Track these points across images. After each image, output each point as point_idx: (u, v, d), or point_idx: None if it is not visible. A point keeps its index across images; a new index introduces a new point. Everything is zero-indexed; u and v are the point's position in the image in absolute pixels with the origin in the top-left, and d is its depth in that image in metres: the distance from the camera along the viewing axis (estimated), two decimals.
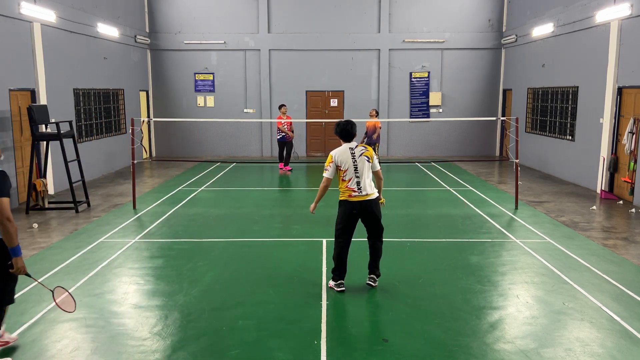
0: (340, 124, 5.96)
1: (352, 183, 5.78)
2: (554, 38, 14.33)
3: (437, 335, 4.96)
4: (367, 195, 5.80)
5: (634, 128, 10.56)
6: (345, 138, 5.95)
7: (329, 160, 5.87)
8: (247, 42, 18.25)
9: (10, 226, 4.26)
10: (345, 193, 5.84)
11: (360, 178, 5.78)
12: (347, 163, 5.80)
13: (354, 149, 5.87)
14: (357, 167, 5.79)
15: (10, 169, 10.44)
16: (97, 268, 6.84)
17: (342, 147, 5.91)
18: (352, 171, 5.78)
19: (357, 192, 5.77)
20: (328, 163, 5.87)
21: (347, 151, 5.85)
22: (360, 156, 5.84)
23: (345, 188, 5.82)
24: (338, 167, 5.83)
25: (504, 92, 18.49)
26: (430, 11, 18.21)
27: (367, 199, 5.81)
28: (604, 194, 11.38)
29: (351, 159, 5.81)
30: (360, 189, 5.77)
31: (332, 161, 5.85)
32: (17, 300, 5.79)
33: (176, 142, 18.81)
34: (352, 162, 5.80)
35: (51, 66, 11.99)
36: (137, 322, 5.25)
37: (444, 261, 7.11)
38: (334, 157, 5.85)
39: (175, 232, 8.67)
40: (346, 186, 5.80)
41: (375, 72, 18.50)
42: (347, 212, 5.85)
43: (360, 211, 5.83)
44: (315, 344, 4.78)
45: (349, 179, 5.78)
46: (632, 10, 10.63)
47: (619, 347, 4.72)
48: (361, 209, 5.83)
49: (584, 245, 7.84)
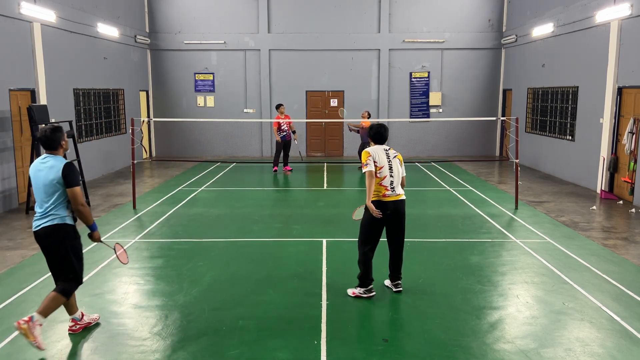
0: (373, 127, 5.90)
1: (386, 181, 5.66)
2: (554, 38, 14.33)
3: (437, 335, 4.96)
4: (399, 195, 5.73)
5: (634, 128, 10.56)
6: (379, 141, 5.90)
7: (366, 155, 5.72)
8: (247, 42, 18.26)
9: (84, 210, 4.76)
10: (378, 192, 5.69)
11: (393, 178, 5.70)
12: (383, 161, 5.71)
13: (387, 150, 5.82)
14: (392, 166, 5.72)
15: (10, 169, 10.45)
16: (97, 268, 6.84)
17: (376, 147, 5.86)
18: (387, 169, 5.69)
19: (390, 191, 5.67)
20: (366, 158, 5.70)
21: (382, 151, 5.79)
22: (394, 158, 5.80)
23: (379, 186, 5.67)
24: (374, 162, 5.70)
25: (504, 92, 18.50)
26: (430, 11, 18.22)
27: (400, 199, 5.74)
28: (604, 194, 11.39)
29: (386, 159, 5.74)
30: (393, 189, 5.68)
31: (370, 155, 5.71)
32: (17, 300, 5.81)
33: (176, 142, 18.81)
34: (387, 162, 5.73)
35: (51, 66, 12.00)
36: (137, 322, 5.25)
37: (444, 261, 7.11)
38: (371, 153, 5.73)
39: (175, 232, 8.67)
40: (380, 183, 5.66)
41: (375, 72, 18.50)
42: (382, 213, 5.69)
43: (393, 212, 5.70)
44: (315, 344, 4.78)
45: (384, 177, 5.66)
46: (632, 10, 10.63)
47: (619, 347, 4.72)
48: (394, 210, 5.71)
49: (584, 245, 7.84)
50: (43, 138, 4.76)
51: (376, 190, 5.66)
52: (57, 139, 4.79)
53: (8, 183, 10.39)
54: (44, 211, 4.71)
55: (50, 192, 4.68)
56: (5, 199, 10.30)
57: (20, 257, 7.34)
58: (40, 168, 4.72)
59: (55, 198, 4.69)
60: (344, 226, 9.08)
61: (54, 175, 4.65)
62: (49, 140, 4.76)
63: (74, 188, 4.68)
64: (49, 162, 4.71)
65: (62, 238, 4.75)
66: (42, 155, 4.84)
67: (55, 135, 4.78)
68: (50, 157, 4.77)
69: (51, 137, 4.77)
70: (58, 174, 4.64)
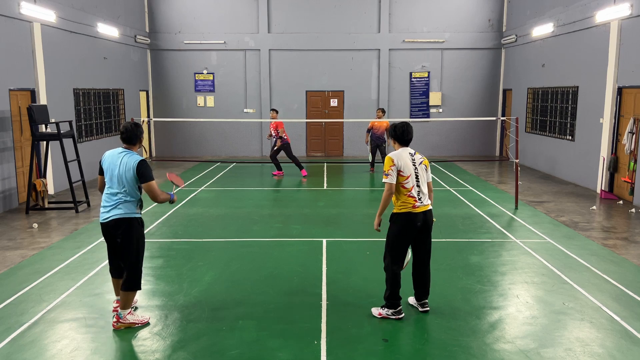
0: (397, 126, 5.30)
1: (413, 191, 5.13)
2: (554, 38, 14.33)
3: (437, 335, 4.96)
4: (427, 205, 5.22)
5: (634, 128, 10.56)
6: (403, 142, 5.31)
7: (389, 163, 5.11)
8: (247, 42, 18.26)
9: (162, 201, 5.15)
10: (407, 204, 5.14)
11: (420, 188, 5.18)
12: (409, 169, 5.15)
13: (413, 155, 5.26)
14: (419, 175, 5.19)
15: (10, 169, 10.45)
16: (97, 268, 6.84)
17: (400, 151, 5.26)
18: (414, 179, 5.15)
19: (418, 202, 5.15)
20: (389, 167, 5.10)
21: (407, 156, 5.21)
22: (420, 164, 5.24)
23: (407, 197, 5.13)
24: (399, 172, 5.11)
25: (504, 92, 18.50)
26: (430, 11, 18.22)
27: (428, 209, 5.25)
28: (604, 194, 11.38)
29: (412, 166, 5.18)
30: (421, 199, 5.17)
31: (393, 164, 5.10)
32: (17, 300, 5.81)
33: (176, 142, 18.82)
34: (414, 169, 5.19)
35: (51, 66, 12.00)
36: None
37: (444, 261, 7.11)
38: (395, 160, 5.12)
39: (175, 232, 8.67)
40: (408, 194, 5.12)
41: (375, 72, 18.50)
42: (411, 226, 5.17)
43: (423, 224, 5.21)
44: (315, 344, 4.78)
45: (411, 187, 5.12)
46: (632, 10, 10.63)
47: (619, 347, 4.72)
48: (424, 222, 5.21)
49: (584, 245, 7.84)
50: (125, 132, 5.00)
51: (404, 202, 5.15)
52: (138, 134, 5.05)
53: (8, 183, 10.39)
54: (114, 203, 4.96)
55: (122, 185, 4.93)
56: (5, 199, 10.30)
57: (20, 257, 7.34)
58: (116, 162, 4.96)
59: (127, 191, 4.95)
60: (344, 226, 9.09)
61: (128, 171, 4.90)
62: (131, 134, 5.02)
63: (149, 183, 4.94)
64: (124, 158, 4.95)
65: (129, 230, 5.00)
66: (118, 148, 5.07)
67: (137, 131, 5.06)
68: (126, 152, 5.01)
69: (134, 131, 5.04)
70: (133, 170, 4.90)
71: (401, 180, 5.12)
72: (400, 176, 5.12)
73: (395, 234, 5.23)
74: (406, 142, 5.30)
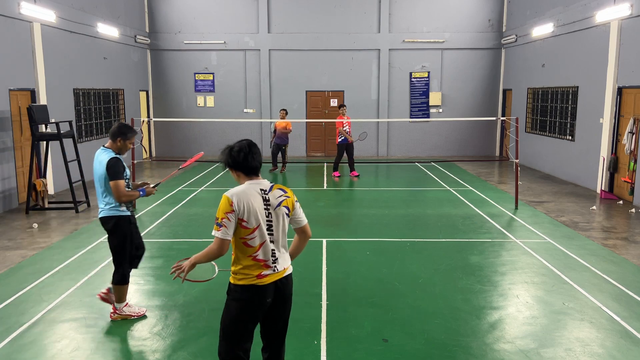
0: (233, 149, 3.41)
1: (262, 252, 3.36)
2: (554, 38, 14.33)
3: (437, 335, 4.96)
4: (283, 271, 3.46)
5: (633, 128, 10.56)
6: (248, 171, 3.41)
7: (225, 207, 3.27)
8: (247, 42, 18.26)
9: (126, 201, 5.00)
10: (250, 273, 3.36)
11: (275, 244, 3.42)
12: (257, 217, 3.32)
13: (267, 193, 3.39)
14: (272, 223, 3.39)
15: (10, 169, 10.45)
16: (97, 268, 6.84)
17: (245, 187, 3.37)
18: (264, 231, 3.36)
19: (270, 269, 3.38)
20: (223, 213, 3.27)
21: (255, 195, 3.35)
22: (279, 206, 3.40)
23: (250, 261, 3.36)
24: (241, 221, 3.30)
25: (504, 92, 18.50)
26: (430, 11, 18.22)
27: (285, 276, 3.47)
28: (604, 194, 11.39)
29: (263, 209, 3.36)
30: (275, 263, 3.41)
31: (231, 210, 3.27)
32: (17, 300, 5.80)
33: (176, 142, 18.81)
34: (265, 215, 3.36)
35: (51, 66, 12.00)
36: (137, 322, 5.25)
37: (444, 261, 7.11)
38: (233, 203, 3.27)
39: (175, 232, 8.67)
40: (253, 257, 3.36)
41: (375, 72, 18.50)
42: (257, 305, 3.39)
43: (275, 300, 3.45)
44: (315, 344, 4.78)
45: (259, 245, 3.35)
46: (632, 10, 10.63)
47: (619, 347, 4.72)
48: (277, 297, 3.45)
49: (584, 245, 7.84)
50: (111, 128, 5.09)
51: (245, 270, 3.36)
52: (116, 132, 5.01)
53: (8, 183, 10.39)
54: (101, 201, 5.08)
55: (101, 183, 5.00)
56: (5, 199, 10.30)
57: (20, 257, 7.34)
58: (95, 161, 5.04)
59: (103, 190, 5.01)
60: (344, 226, 9.09)
61: (101, 168, 4.94)
62: (112, 131, 5.05)
63: (115, 181, 4.90)
64: (100, 155, 5.02)
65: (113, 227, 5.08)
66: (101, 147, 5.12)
67: (117, 129, 5.03)
68: (103, 150, 5.02)
69: (115, 128, 5.04)
70: (104, 167, 4.92)
71: (243, 235, 3.33)
72: (243, 228, 3.31)
73: (232, 315, 3.45)
74: (253, 171, 3.41)
